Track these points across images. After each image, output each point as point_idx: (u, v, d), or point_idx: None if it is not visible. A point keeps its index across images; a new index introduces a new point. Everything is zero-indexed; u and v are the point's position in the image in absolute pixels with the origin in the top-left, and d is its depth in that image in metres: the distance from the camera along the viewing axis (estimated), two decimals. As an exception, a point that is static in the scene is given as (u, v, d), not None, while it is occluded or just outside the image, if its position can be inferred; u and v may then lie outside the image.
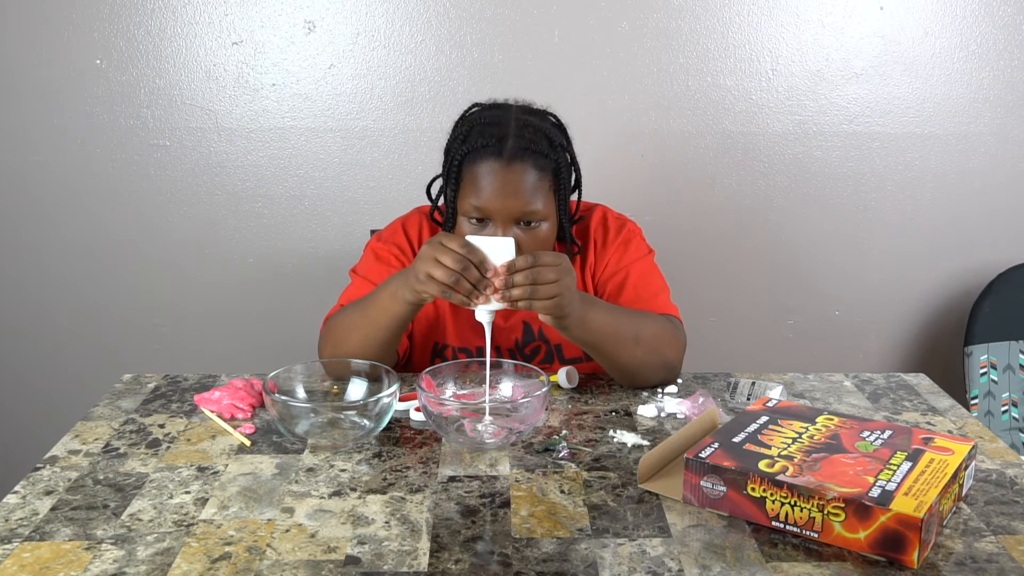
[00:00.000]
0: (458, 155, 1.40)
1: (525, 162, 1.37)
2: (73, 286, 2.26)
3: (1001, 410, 2.17)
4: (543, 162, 1.39)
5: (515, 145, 1.37)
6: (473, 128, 1.41)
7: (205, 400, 1.37)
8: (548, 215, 1.41)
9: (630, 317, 1.42)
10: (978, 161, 2.26)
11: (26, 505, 1.09)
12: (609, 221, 1.57)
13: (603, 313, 1.37)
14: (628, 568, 0.97)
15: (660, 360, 1.44)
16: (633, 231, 1.57)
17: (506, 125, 1.39)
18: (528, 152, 1.37)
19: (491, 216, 1.38)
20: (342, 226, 2.23)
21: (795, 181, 2.26)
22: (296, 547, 1.00)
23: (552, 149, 1.40)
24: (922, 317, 2.37)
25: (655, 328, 1.44)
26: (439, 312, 1.54)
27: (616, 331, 1.38)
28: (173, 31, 2.10)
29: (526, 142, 1.37)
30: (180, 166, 2.19)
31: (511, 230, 1.38)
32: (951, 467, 1.07)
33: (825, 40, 2.16)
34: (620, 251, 1.54)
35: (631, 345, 1.40)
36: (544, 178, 1.39)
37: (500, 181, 1.36)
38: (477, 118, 1.43)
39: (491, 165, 1.36)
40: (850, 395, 1.46)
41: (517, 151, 1.36)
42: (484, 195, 1.37)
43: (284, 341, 2.25)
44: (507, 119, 1.41)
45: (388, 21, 2.12)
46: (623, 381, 1.47)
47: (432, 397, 1.27)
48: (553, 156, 1.40)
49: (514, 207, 1.37)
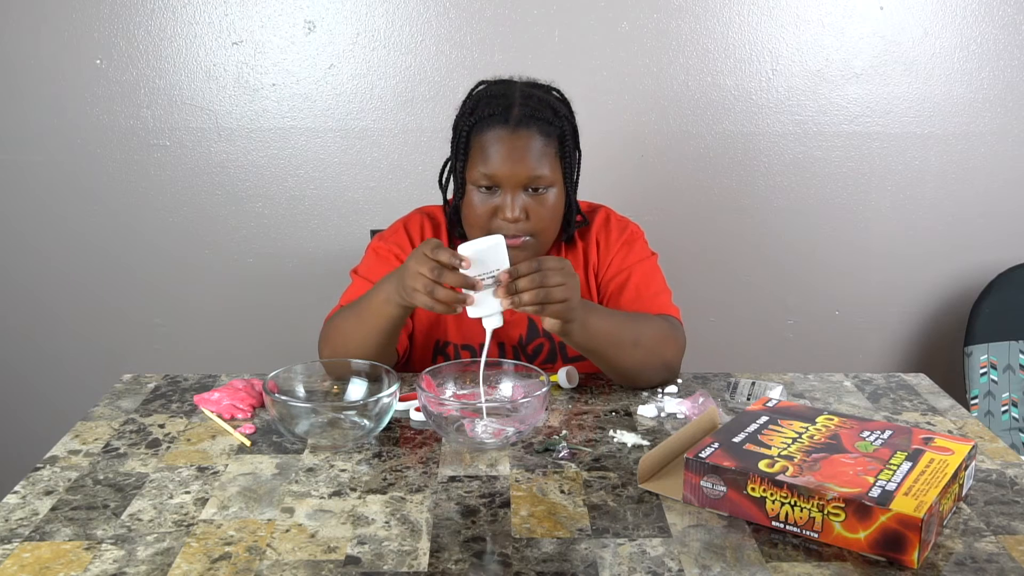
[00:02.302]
0: (465, 126, 1.45)
1: (531, 128, 1.41)
2: (73, 286, 2.26)
3: (1001, 410, 2.17)
4: (548, 128, 1.43)
5: (521, 112, 1.42)
6: (480, 101, 1.46)
7: (205, 400, 1.37)
8: (555, 181, 1.45)
9: (629, 320, 1.43)
10: (978, 161, 2.26)
11: (26, 505, 1.09)
12: (612, 222, 1.59)
13: (603, 318, 1.38)
14: (628, 568, 0.96)
15: (659, 361, 1.44)
16: (636, 233, 1.59)
17: (511, 96, 1.45)
18: (533, 119, 1.42)
19: (500, 183, 1.42)
20: (342, 226, 2.23)
21: (795, 181, 2.26)
22: (296, 547, 1.00)
23: (556, 117, 1.45)
24: (922, 317, 2.37)
25: (654, 329, 1.44)
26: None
27: (616, 336, 1.39)
28: (173, 31, 2.10)
29: (531, 110, 1.43)
30: (180, 166, 2.19)
31: (519, 196, 1.41)
32: (951, 467, 1.07)
33: (825, 40, 2.16)
34: (623, 252, 1.55)
35: (630, 348, 1.40)
36: (550, 144, 1.43)
37: (507, 147, 1.41)
38: (483, 92, 1.48)
39: (498, 132, 1.41)
40: (850, 395, 1.46)
41: (523, 118, 1.41)
42: (492, 162, 1.41)
43: (284, 341, 2.25)
44: (512, 91, 1.46)
45: (388, 21, 2.12)
46: (623, 383, 1.47)
47: (432, 397, 1.27)
48: (558, 124, 1.45)
49: (522, 172, 1.41)
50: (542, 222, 1.44)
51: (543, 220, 1.44)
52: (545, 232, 1.46)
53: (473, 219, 1.45)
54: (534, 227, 1.44)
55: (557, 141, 1.44)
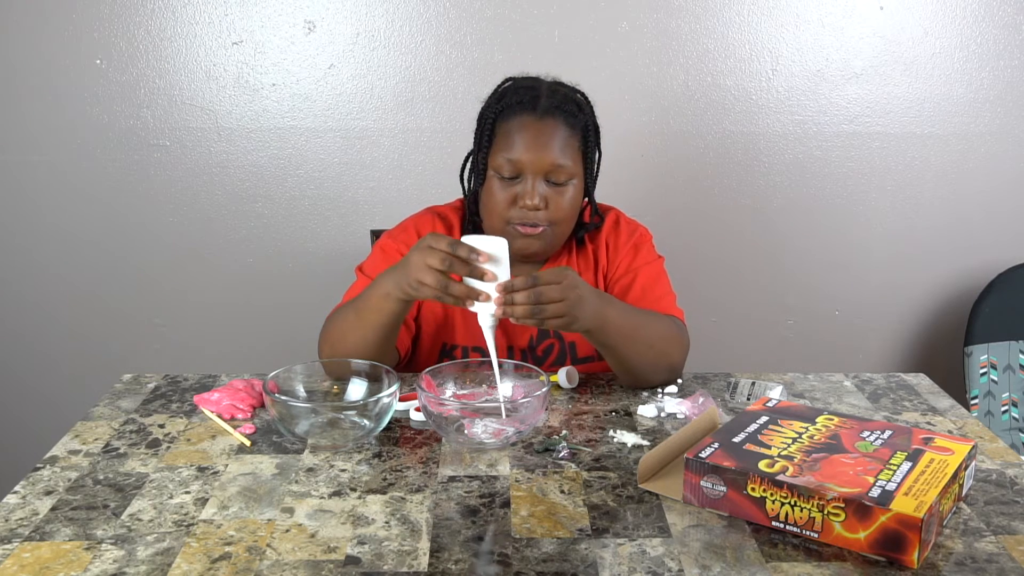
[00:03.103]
0: (491, 114, 1.47)
1: (557, 118, 1.44)
2: (73, 286, 2.26)
3: (1001, 410, 2.17)
4: (573, 121, 1.46)
5: (548, 103, 1.45)
6: (507, 92, 1.49)
7: (205, 400, 1.37)
8: (575, 174, 1.46)
9: (644, 318, 1.44)
10: (978, 161, 2.26)
11: (26, 505, 1.09)
12: (622, 225, 1.60)
13: (620, 313, 1.38)
14: (628, 568, 0.96)
15: (667, 362, 1.45)
16: (644, 236, 1.60)
17: (539, 88, 1.49)
18: (559, 110, 1.45)
19: (522, 169, 1.43)
20: (342, 226, 2.23)
21: (795, 181, 2.26)
22: (296, 547, 1.00)
23: (581, 112, 1.48)
24: (922, 317, 2.37)
25: (664, 329, 1.45)
26: (447, 312, 1.54)
27: (632, 332, 1.40)
28: (173, 31, 2.10)
29: (558, 101, 1.46)
30: (180, 166, 2.19)
31: (540, 184, 1.43)
32: (951, 467, 1.07)
33: (825, 40, 2.16)
34: (631, 255, 1.57)
35: (644, 348, 1.42)
36: (574, 136, 1.46)
37: (533, 134, 1.43)
38: (511, 85, 1.51)
39: (524, 119, 1.44)
40: (850, 395, 1.46)
41: (550, 108, 1.45)
42: (517, 148, 1.43)
43: (284, 341, 2.25)
44: (539, 84, 1.50)
45: (388, 21, 2.12)
46: (627, 381, 1.47)
47: (432, 397, 1.27)
48: (582, 118, 1.48)
49: (545, 159, 1.42)
50: (560, 212, 1.45)
51: (562, 210, 1.45)
52: (563, 223, 1.48)
53: (492, 206, 1.46)
54: (552, 216, 1.45)
55: (581, 135, 1.47)
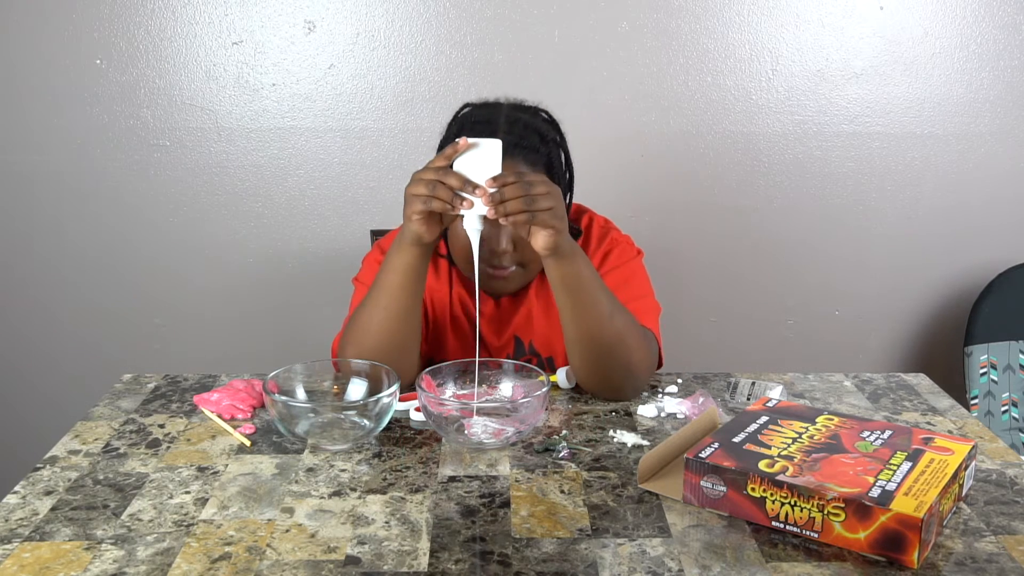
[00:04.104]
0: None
1: (515, 158, 1.36)
2: (73, 286, 2.26)
3: (1001, 410, 2.17)
4: (534, 157, 1.38)
5: (505, 142, 1.33)
6: (463, 127, 1.41)
7: (205, 401, 1.37)
8: None
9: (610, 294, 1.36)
10: (978, 161, 2.26)
11: (26, 505, 1.09)
12: (593, 230, 1.55)
13: (589, 265, 1.33)
14: (628, 568, 0.97)
15: (625, 355, 1.36)
16: (615, 241, 1.53)
17: (495, 123, 1.39)
18: (518, 148, 1.36)
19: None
20: (342, 226, 2.23)
21: (795, 181, 2.26)
22: (296, 547, 1.00)
23: (543, 143, 1.40)
24: (922, 317, 2.37)
25: (631, 324, 1.37)
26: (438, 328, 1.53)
27: (595, 291, 1.32)
28: (173, 31, 2.10)
29: (516, 138, 1.37)
30: (180, 166, 2.19)
31: (505, 228, 1.37)
32: (951, 467, 1.07)
33: (825, 40, 2.16)
34: (598, 263, 1.50)
35: (607, 316, 1.33)
36: (536, 173, 1.37)
37: None
38: (468, 117, 1.43)
39: None
40: (850, 395, 1.46)
41: (507, 147, 1.34)
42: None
43: (284, 341, 2.25)
44: (496, 117, 1.40)
45: (388, 21, 2.12)
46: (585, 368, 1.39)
47: (432, 397, 1.27)
48: (544, 150, 1.40)
49: None
50: (530, 252, 1.38)
51: (531, 250, 1.35)
52: (533, 263, 1.43)
53: (459, 250, 1.43)
54: (522, 258, 1.42)
55: (544, 169, 1.39)
